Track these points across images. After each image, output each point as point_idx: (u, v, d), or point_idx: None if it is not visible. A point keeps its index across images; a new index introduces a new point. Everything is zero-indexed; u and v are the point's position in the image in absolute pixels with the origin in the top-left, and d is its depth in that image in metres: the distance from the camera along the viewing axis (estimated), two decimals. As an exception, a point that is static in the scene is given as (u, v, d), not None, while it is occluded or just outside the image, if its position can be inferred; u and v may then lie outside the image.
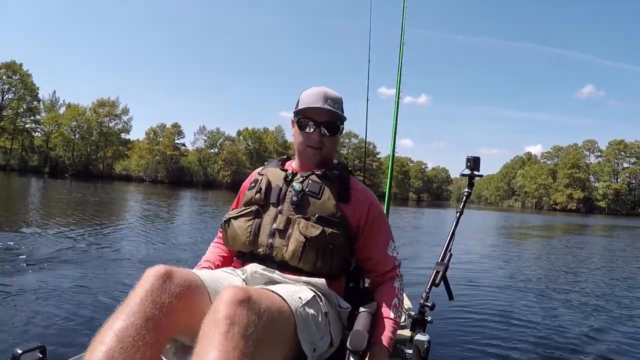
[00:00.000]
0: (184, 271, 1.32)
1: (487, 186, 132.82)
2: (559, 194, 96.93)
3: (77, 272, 5.09)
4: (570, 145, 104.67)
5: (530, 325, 4.46)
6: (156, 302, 1.16)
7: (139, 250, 6.95)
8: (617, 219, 57.13)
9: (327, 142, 1.76)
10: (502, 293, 5.96)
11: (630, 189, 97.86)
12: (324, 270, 1.62)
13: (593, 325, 4.62)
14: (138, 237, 8.47)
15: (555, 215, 62.22)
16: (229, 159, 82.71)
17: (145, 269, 1.27)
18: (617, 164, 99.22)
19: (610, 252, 13.81)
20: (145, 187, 44.75)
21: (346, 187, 1.75)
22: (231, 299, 1.13)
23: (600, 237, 21.72)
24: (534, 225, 28.03)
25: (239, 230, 1.70)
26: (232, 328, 1.07)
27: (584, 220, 45.16)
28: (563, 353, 3.76)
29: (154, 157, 75.47)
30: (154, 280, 1.20)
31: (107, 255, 6.31)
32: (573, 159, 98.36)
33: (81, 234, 8.14)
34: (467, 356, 3.50)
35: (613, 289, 6.90)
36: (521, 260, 10.43)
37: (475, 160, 2.09)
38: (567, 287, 6.88)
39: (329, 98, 1.74)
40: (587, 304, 5.68)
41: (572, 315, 5.07)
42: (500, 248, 13.19)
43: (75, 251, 6.41)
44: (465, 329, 4.16)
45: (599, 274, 8.62)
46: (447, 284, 1.86)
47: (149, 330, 1.11)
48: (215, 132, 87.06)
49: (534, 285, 6.86)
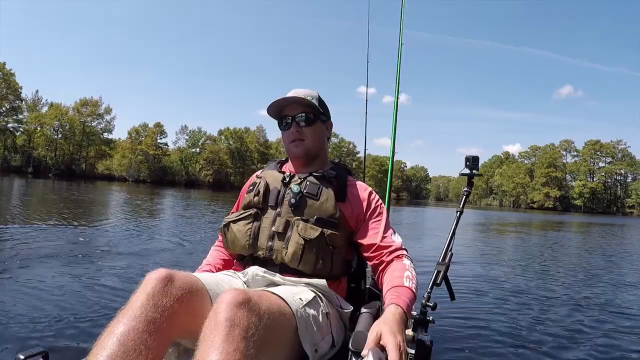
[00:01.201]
0: (185, 274, 1.34)
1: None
2: (536, 193, 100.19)
3: (75, 274, 5.02)
4: (548, 145, 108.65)
5: (531, 323, 4.48)
6: (158, 305, 1.18)
7: (135, 251, 6.86)
8: (593, 217, 58.64)
9: (307, 133, 1.81)
10: (501, 291, 5.96)
11: (605, 187, 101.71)
12: (324, 271, 1.65)
13: (595, 324, 4.59)
14: (133, 237, 8.43)
15: (532, 214, 63.29)
16: (211, 158, 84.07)
17: (146, 272, 1.28)
18: (593, 163, 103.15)
19: (598, 248, 14.06)
20: (128, 187, 44.82)
21: (344, 187, 1.79)
22: (231, 301, 1.15)
23: (589, 234, 22.28)
24: (518, 222, 28.84)
25: (239, 234, 1.73)
26: (232, 330, 1.09)
27: (562, 218, 45.78)
28: (563, 350, 3.78)
29: (137, 156, 76.12)
30: (156, 283, 1.22)
31: (105, 256, 6.23)
32: (550, 159, 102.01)
33: (75, 234, 8.10)
34: (470, 356, 3.51)
35: (616, 287, 6.90)
36: (512, 258, 10.43)
37: (474, 160, 2.16)
38: (563, 284, 6.91)
39: (299, 94, 1.82)
40: (583, 300, 5.73)
41: (571, 311, 5.10)
42: (490, 245, 13.37)
43: (74, 252, 6.31)
44: (467, 328, 4.17)
45: (589, 271, 8.61)
46: (449, 283, 1.91)
47: (151, 334, 1.12)
48: (197, 131, 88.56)
49: (532, 282, 6.86)
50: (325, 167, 1.88)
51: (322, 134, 1.87)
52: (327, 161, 1.94)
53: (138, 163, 76.16)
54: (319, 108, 1.82)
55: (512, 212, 64.76)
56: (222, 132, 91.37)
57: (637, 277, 8.12)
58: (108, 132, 77.27)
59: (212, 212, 18.12)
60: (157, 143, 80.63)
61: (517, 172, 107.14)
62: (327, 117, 1.91)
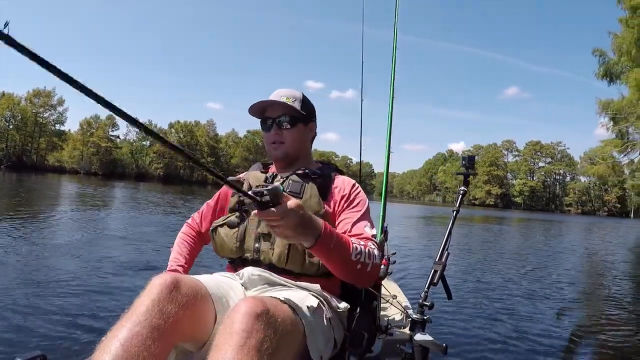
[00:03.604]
0: (190, 280, 1.38)
1: (410, 181, 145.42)
2: (478, 190, 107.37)
3: (72, 275, 5.20)
4: (490, 145, 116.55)
5: (526, 320, 4.91)
6: (163, 312, 1.22)
7: (124, 250, 7.22)
8: (532, 214, 63.61)
9: (287, 136, 1.88)
10: (487, 289, 6.50)
11: (544, 186, 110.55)
12: (312, 270, 1.70)
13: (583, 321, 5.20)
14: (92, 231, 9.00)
15: (474, 209, 67.79)
16: (161, 151, 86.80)
17: (152, 276, 1.33)
18: (533, 163, 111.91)
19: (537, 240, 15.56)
20: (79, 179, 46.07)
21: (328, 183, 1.86)
22: (248, 311, 1.19)
23: (529, 228, 24.75)
24: (461, 217, 32.26)
25: (226, 238, 1.79)
26: (248, 341, 1.13)
27: (503, 214, 49.89)
28: (559, 348, 4.12)
29: (88, 149, 78.50)
30: (161, 289, 1.27)
31: (100, 256, 6.52)
32: (492, 158, 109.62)
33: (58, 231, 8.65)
34: (467, 355, 3.73)
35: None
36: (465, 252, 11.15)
37: (470, 159, 2.32)
38: (546, 280, 7.71)
39: (282, 95, 1.89)
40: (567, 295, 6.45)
41: (566, 308, 5.69)
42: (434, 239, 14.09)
43: (69, 252, 6.64)
44: (464, 327, 4.47)
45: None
46: (445, 283, 1.97)
47: (155, 341, 1.17)
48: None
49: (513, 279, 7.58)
50: (310, 166, 1.94)
51: (303, 136, 1.94)
52: (311, 161, 2.01)
53: (90, 155, 78.79)
54: (300, 110, 1.88)
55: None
56: (173, 125, 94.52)
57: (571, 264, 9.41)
58: (60, 124, 79.67)
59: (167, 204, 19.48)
60: (109, 135, 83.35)
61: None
62: (311, 119, 1.97)
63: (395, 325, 2.10)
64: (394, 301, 2.13)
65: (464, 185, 2.33)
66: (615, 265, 11.77)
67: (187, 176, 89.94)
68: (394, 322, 2.13)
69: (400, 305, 2.18)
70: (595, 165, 25.97)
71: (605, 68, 23.13)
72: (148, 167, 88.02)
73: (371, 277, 1.68)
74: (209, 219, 2.04)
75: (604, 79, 23.31)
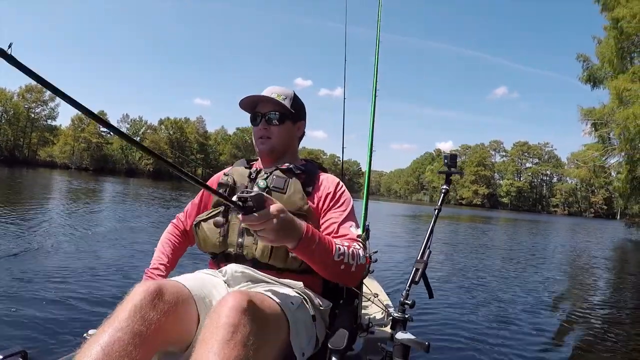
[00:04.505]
0: (172, 285, 1.37)
1: (397, 180, 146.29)
2: (465, 190, 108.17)
3: (56, 271, 5.13)
4: (478, 145, 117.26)
5: (507, 318, 4.95)
6: (145, 319, 1.22)
7: (109, 245, 7.26)
8: (519, 214, 64.41)
9: (275, 131, 1.89)
10: (469, 288, 6.51)
11: (531, 187, 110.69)
12: (295, 265, 1.69)
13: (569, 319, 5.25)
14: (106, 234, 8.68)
15: (462, 209, 68.29)
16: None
17: (135, 283, 1.32)
18: (521, 163, 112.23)
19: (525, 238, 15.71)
20: (70, 174, 45.91)
21: (312, 179, 1.86)
22: (235, 305, 1.19)
23: (515, 227, 25.13)
24: (448, 216, 31.36)
25: (209, 233, 1.79)
26: (234, 336, 1.14)
27: (490, 214, 50.71)
28: (539, 346, 4.15)
29: (80, 144, 78.57)
30: (144, 296, 1.26)
31: (82, 252, 6.48)
32: (479, 158, 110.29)
33: (49, 226, 8.50)
34: (448, 354, 3.75)
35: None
36: (471, 251, 11.41)
37: (452, 158, 2.26)
38: (532, 278, 7.84)
39: (274, 92, 1.90)
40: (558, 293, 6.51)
41: (544, 306, 5.73)
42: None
43: (52, 246, 6.57)
44: (445, 325, 4.49)
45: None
46: (427, 281, 1.95)
47: (136, 347, 1.16)
48: (137, 120, 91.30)
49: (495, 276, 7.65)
50: (295, 162, 1.93)
51: (290, 134, 1.95)
52: (297, 158, 2.01)
53: (81, 151, 78.87)
54: (289, 108, 1.89)
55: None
56: (163, 121, 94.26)
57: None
58: (52, 119, 79.53)
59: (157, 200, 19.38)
60: (100, 131, 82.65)
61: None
62: (300, 118, 1.99)
63: (377, 324, 2.09)
64: (376, 299, 2.11)
65: (446, 184, 2.30)
66: (593, 265, 11.95)
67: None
68: (375, 321, 2.13)
69: (382, 303, 2.17)
70: (577, 169, 26.41)
71: (589, 73, 23.43)
72: (138, 163, 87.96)
73: (355, 277, 1.69)
74: (194, 217, 2.01)
75: (588, 83, 23.62)
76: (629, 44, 20.26)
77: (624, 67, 20.46)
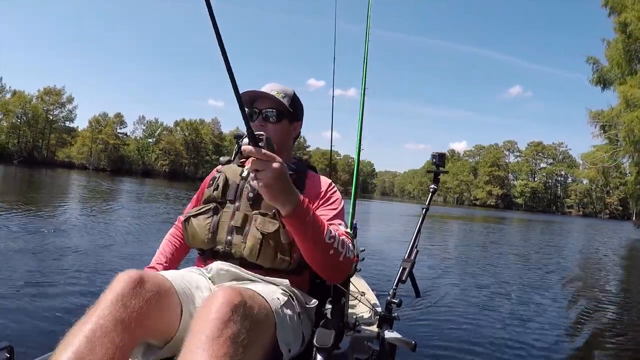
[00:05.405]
0: (154, 275, 1.38)
1: (411, 180, 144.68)
2: (479, 191, 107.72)
3: (43, 267, 5.17)
4: (491, 145, 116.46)
5: (494, 318, 4.94)
6: (127, 306, 1.22)
7: (98, 243, 7.21)
8: (533, 215, 63.70)
9: (271, 129, 1.84)
10: (463, 287, 6.52)
11: (546, 187, 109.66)
12: (283, 265, 1.68)
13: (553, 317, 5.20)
14: (95, 225, 8.99)
15: (475, 209, 68.34)
16: (167, 148, 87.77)
17: (117, 273, 1.32)
18: (535, 164, 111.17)
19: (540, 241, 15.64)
20: (87, 175, 46.42)
21: (303, 179, 1.85)
22: (226, 301, 1.18)
23: (530, 229, 25.14)
24: (462, 216, 31.16)
25: (198, 228, 1.77)
26: (224, 332, 1.13)
27: (503, 215, 50.30)
28: (524, 345, 4.13)
29: (97, 145, 79.46)
30: (126, 284, 1.26)
31: (73, 248, 6.50)
32: (493, 158, 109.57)
33: (42, 224, 8.50)
34: (435, 352, 3.75)
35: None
36: (472, 251, 11.43)
37: (440, 157, 2.28)
38: (525, 279, 7.77)
39: (274, 89, 1.89)
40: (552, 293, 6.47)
41: (530, 304, 5.71)
42: (441, 238, 14.30)
43: (46, 244, 6.60)
44: (431, 324, 4.48)
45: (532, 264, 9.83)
46: (414, 280, 1.96)
47: (119, 333, 1.17)
48: (153, 122, 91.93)
49: (491, 276, 7.67)
50: (288, 162, 1.91)
51: (286, 133, 1.92)
52: (290, 157, 1.99)
53: (98, 152, 79.74)
54: (287, 107, 1.88)
55: (455, 208, 69.57)
56: (178, 123, 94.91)
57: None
58: (70, 121, 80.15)
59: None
60: (117, 133, 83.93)
61: (461, 169, 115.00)
62: (297, 118, 1.97)
63: (364, 323, 2.07)
64: (363, 298, 2.10)
65: (434, 183, 2.30)
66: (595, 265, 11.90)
67: (191, 173, 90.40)
68: (362, 319, 2.12)
69: (369, 302, 2.16)
70: (587, 169, 26.32)
71: (599, 75, 23.37)
72: (154, 164, 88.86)
73: (342, 269, 1.64)
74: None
75: (598, 85, 23.55)
76: (636, 46, 20.31)
77: (632, 69, 20.56)
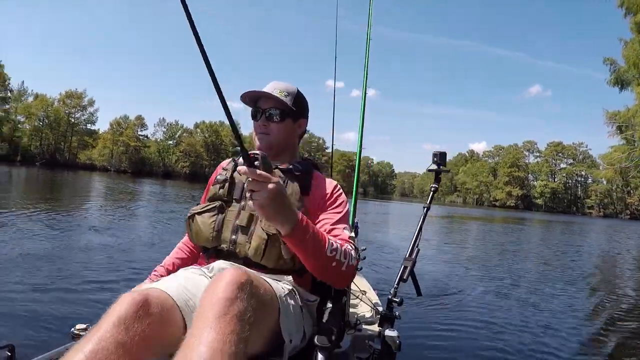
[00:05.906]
0: (157, 296, 1.36)
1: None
2: (499, 191, 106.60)
3: (47, 267, 5.17)
4: (511, 145, 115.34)
5: (496, 317, 4.87)
6: (129, 329, 1.21)
7: (113, 242, 7.30)
8: (553, 215, 62.88)
9: (274, 128, 1.85)
10: (468, 286, 6.45)
11: (566, 188, 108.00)
12: (287, 266, 1.67)
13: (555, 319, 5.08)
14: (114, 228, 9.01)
15: (495, 210, 67.89)
16: (187, 150, 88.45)
17: (121, 293, 1.31)
18: (555, 164, 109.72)
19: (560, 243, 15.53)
20: (109, 176, 47.22)
21: (309, 181, 1.84)
22: (232, 280, 1.20)
23: (549, 230, 25.01)
24: (482, 217, 31.02)
25: (203, 226, 1.76)
26: (230, 309, 1.14)
27: (523, 215, 50.03)
28: (527, 346, 4.06)
29: (118, 147, 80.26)
30: (129, 307, 1.25)
31: (79, 248, 6.59)
32: (513, 159, 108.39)
33: (53, 224, 8.56)
34: (435, 352, 3.73)
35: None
36: (480, 251, 11.37)
37: (441, 156, 2.28)
38: (530, 279, 7.67)
39: (277, 88, 1.87)
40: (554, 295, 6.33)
41: (535, 307, 5.57)
42: (457, 239, 14.37)
43: (52, 245, 6.61)
44: (433, 323, 4.44)
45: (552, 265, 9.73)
46: (415, 279, 1.96)
47: (119, 356, 1.16)
48: (174, 124, 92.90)
49: (498, 277, 7.53)
50: (294, 160, 1.93)
51: (290, 132, 1.91)
52: (296, 156, 1.99)
53: (119, 154, 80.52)
54: (290, 106, 1.86)
55: (474, 208, 69.01)
56: (198, 125, 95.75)
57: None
58: (91, 124, 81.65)
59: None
60: (138, 135, 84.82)
61: (480, 170, 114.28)
62: (301, 115, 1.96)
63: (364, 321, 2.07)
64: (364, 297, 2.12)
65: (435, 182, 2.32)
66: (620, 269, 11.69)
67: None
68: (363, 318, 2.11)
69: (370, 301, 2.17)
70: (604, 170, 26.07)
71: (616, 76, 23.16)
72: (174, 166, 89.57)
73: (345, 277, 1.65)
74: None
75: (615, 86, 23.32)
76: (653, 47, 19.74)
77: (650, 70, 19.96)
